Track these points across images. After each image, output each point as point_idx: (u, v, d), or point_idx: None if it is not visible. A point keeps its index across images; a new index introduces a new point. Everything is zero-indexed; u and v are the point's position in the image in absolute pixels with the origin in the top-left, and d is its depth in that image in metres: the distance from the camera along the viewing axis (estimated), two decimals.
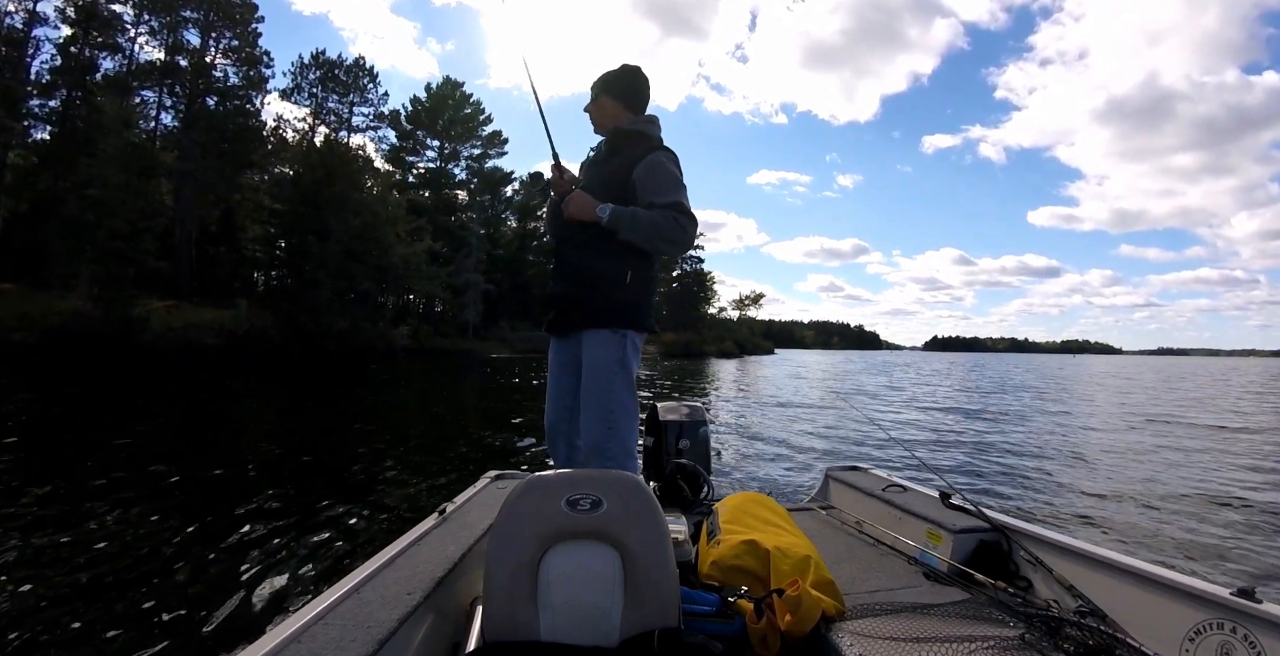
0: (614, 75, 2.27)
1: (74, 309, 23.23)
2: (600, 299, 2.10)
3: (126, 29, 35.06)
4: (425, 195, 48.70)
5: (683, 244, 2.07)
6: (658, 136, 2.26)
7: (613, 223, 2.04)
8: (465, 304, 46.21)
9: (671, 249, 2.08)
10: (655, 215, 2.03)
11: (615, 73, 2.28)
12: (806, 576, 1.41)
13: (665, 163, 2.10)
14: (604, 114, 2.26)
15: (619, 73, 2.27)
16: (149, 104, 36.19)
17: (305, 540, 3.67)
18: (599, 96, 2.26)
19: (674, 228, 2.03)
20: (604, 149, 2.30)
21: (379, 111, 47.45)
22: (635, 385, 2.16)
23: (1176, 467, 6.70)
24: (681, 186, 2.09)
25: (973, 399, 16.30)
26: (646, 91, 2.30)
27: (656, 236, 2.04)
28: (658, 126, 2.28)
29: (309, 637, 1.16)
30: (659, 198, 2.04)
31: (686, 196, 2.09)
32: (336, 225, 33.35)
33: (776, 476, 5.75)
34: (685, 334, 62.18)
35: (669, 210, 2.03)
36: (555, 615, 1.24)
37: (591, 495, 1.28)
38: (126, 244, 25.17)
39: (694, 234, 2.09)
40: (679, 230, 2.04)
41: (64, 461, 5.47)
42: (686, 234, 2.05)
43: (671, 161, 2.12)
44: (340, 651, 1.12)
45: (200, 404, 10.77)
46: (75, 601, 2.78)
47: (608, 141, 2.29)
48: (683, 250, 2.11)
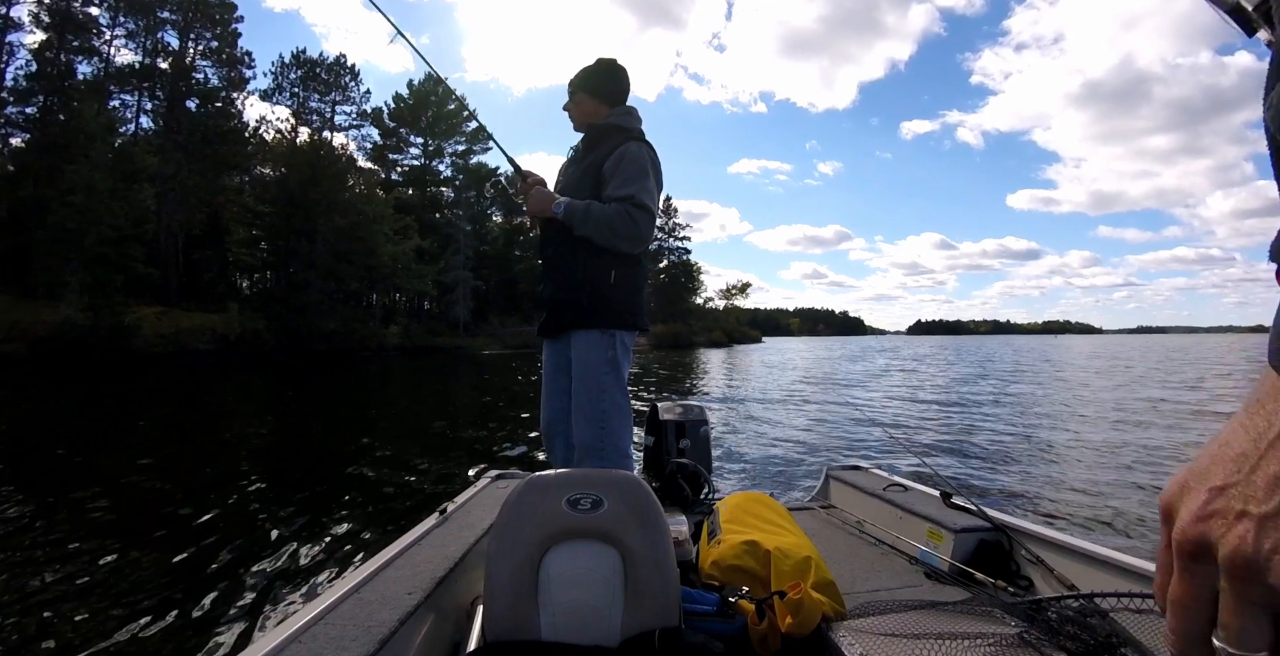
0: (589, 71, 2.25)
1: (63, 318, 22.95)
2: (586, 299, 2.09)
3: (102, 32, 34.59)
4: (409, 192, 48.41)
5: (634, 238, 2.03)
6: (635, 127, 2.23)
7: (567, 217, 2.04)
8: (455, 301, 46.02)
9: (624, 244, 2.04)
10: (608, 209, 2.01)
11: (590, 68, 2.26)
12: (807, 578, 1.41)
13: (634, 153, 2.06)
14: (581, 111, 2.25)
15: (594, 68, 2.26)
16: (128, 107, 35.80)
17: (305, 541, 3.67)
18: (575, 94, 2.25)
19: (625, 222, 1.99)
20: (581, 146, 2.29)
21: (361, 109, 47.12)
22: (625, 385, 2.15)
23: (1183, 462, 6.66)
24: (644, 177, 2.04)
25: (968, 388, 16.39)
26: (624, 84, 2.27)
27: (608, 231, 2.00)
28: (635, 117, 2.25)
29: (309, 637, 1.16)
30: (616, 190, 2.02)
31: (648, 188, 2.04)
32: (324, 225, 33.14)
33: (777, 475, 5.76)
34: (674, 325, 62.27)
35: (623, 203, 1.99)
36: (556, 615, 1.24)
37: (592, 495, 1.28)
38: (115, 250, 24.91)
39: (648, 228, 2.04)
40: (631, 224, 1.99)
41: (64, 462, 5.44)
42: (638, 227, 2.01)
43: (641, 151, 2.09)
44: (340, 651, 1.12)
45: (196, 409, 10.71)
46: (75, 604, 2.78)
47: (585, 138, 2.27)
48: (636, 245, 2.07)
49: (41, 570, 3.19)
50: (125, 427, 8.38)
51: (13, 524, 3.92)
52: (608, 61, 2.28)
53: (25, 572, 3.16)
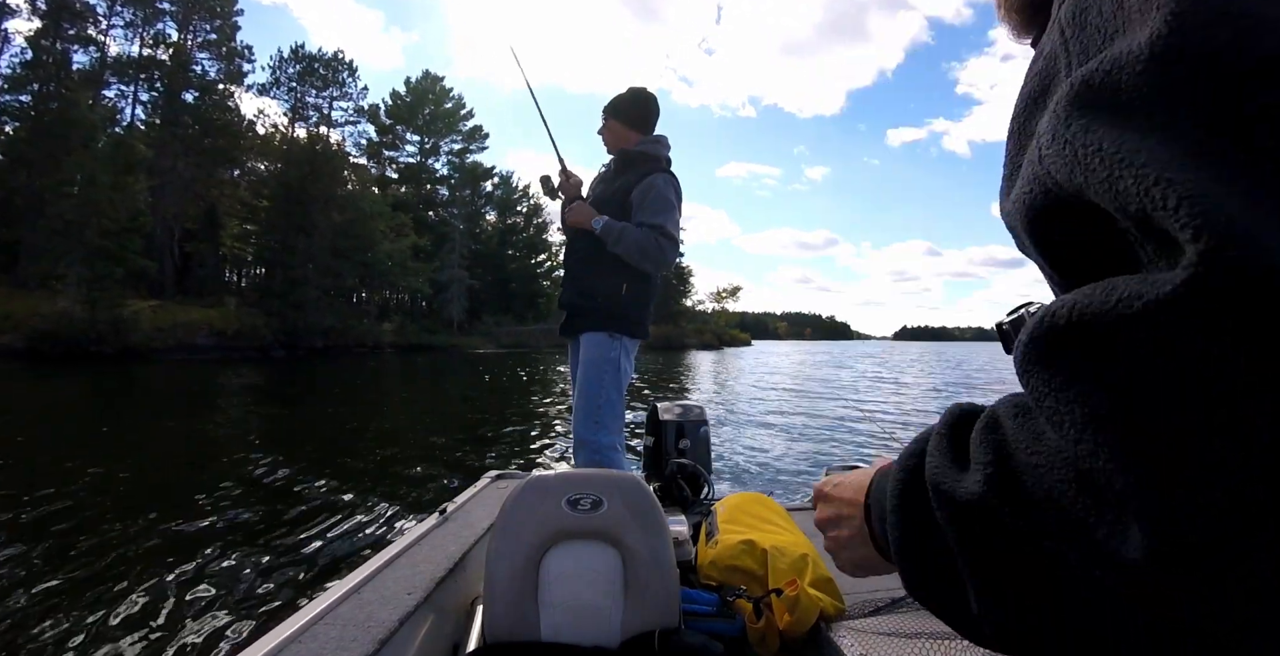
0: (621, 99, 2.45)
1: (60, 310, 22.70)
2: (599, 307, 2.30)
3: (99, 21, 34.36)
4: (403, 190, 48.28)
5: (661, 263, 2.29)
6: (664, 157, 2.43)
7: (604, 234, 2.24)
8: (449, 299, 45.87)
9: (651, 267, 2.30)
10: (640, 233, 2.22)
11: (623, 96, 2.46)
12: (804, 575, 1.41)
13: (660, 186, 2.29)
14: (613, 136, 2.44)
15: (626, 96, 2.46)
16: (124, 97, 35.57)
17: (305, 541, 3.67)
18: (608, 120, 2.45)
19: (655, 247, 2.23)
20: (612, 167, 2.49)
21: (358, 106, 46.96)
22: (623, 386, 2.32)
23: None
24: (670, 210, 2.29)
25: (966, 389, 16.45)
26: (653, 112, 2.46)
27: (639, 253, 2.24)
28: (664, 146, 2.45)
29: (309, 637, 1.15)
30: (647, 218, 2.25)
31: (674, 220, 2.30)
32: (322, 221, 33.01)
33: (776, 476, 5.78)
34: (666, 327, 62.26)
35: (653, 231, 2.22)
36: (556, 615, 1.24)
37: (592, 495, 1.28)
38: (115, 243, 24.70)
39: (671, 255, 2.29)
40: (659, 251, 2.24)
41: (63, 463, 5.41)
42: (665, 255, 2.26)
43: (668, 184, 2.31)
44: (340, 651, 1.11)
45: (198, 404, 10.68)
46: (74, 604, 2.77)
47: (616, 160, 2.48)
48: (661, 269, 2.33)
49: (41, 570, 3.18)
50: (125, 426, 8.35)
51: (13, 523, 3.89)
52: (639, 90, 2.49)
53: (25, 573, 3.14)
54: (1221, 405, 0.21)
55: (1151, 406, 0.23)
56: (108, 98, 34.78)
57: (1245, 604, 0.22)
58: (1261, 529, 0.21)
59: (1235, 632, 0.23)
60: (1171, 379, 0.22)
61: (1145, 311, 0.23)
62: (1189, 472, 0.22)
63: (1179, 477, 0.22)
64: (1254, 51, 0.23)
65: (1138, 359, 0.23)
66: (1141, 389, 0.23)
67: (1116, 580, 0.25)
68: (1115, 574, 0.25)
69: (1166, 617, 0.25)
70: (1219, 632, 0.23)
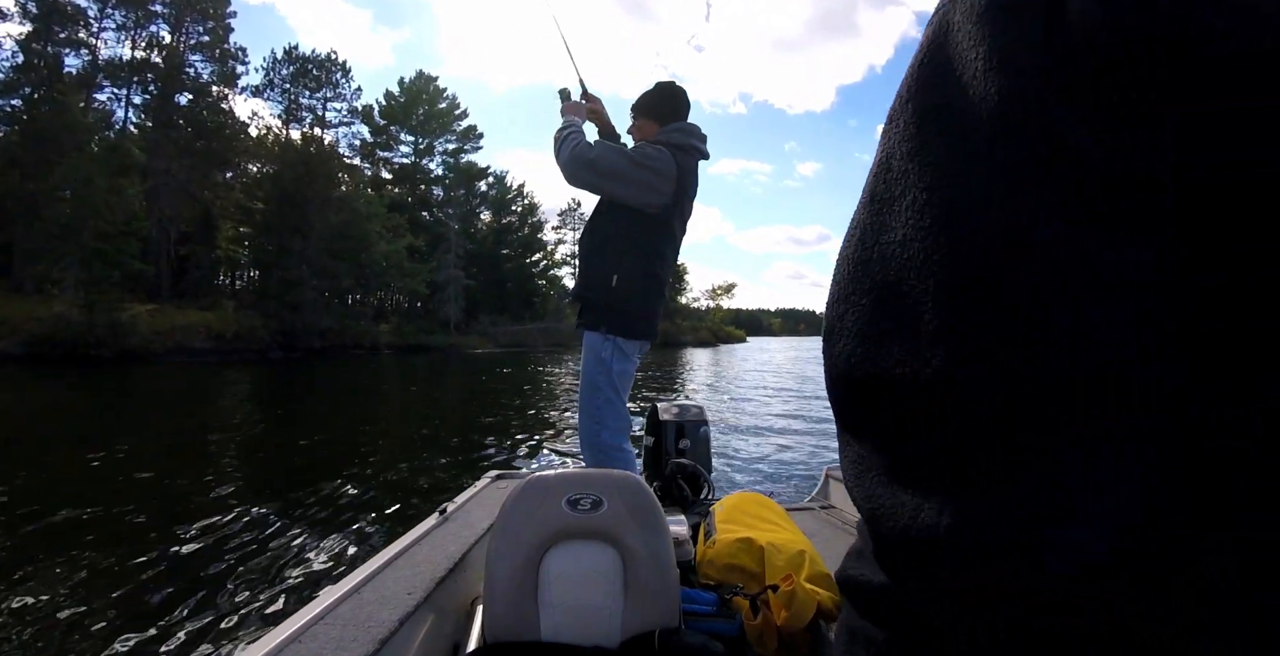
0: (646, 94, 2.41)
1: (58, 314, 22.58)
2: (594, 301, 2.21)
3: (90, 24, 34.15)
4: (396, 191, 48.14)
5: (561, 161, 2.17)
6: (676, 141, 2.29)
7: (556, 133, 2.24)
8: (446, 300, 45.73)
9: (556, 161, 2.20)
10: (578, 138, 2.19)
11: (648, 92, 2.42)
12: (801, 571, 1.41)
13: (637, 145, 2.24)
14: (641, 132, 2.40)
15: (650, 91, 2.42)
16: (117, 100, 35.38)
17: (305, 541, 3.67)
18: (635, 118, 2.41)
19: (572, 146, 2.15)
20: None
21: (352, 107, 46.78)
22: (622, 386, 2.22)
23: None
24: (619, 154, 2.15)
25: None
26: (674, 102, 2.39)
27: (558, 142, 2.20)
28: (685, 132, 2.32)
29: (309, 637, 1.16)
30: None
31: (606, 155, 2.14)
32: (318, 222, 32.91)
33: (777, 476, 5.78)
34: (662, 324, 61.66)
35: (592, 145, 2.18)
36: (556, 615, 1.24)
37: (592, 495, 1.28)
38: (111, 246, 24.58)
39: (576, 168, 2.14)
40: (563, 147, 2.17)
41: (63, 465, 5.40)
42: (561, 156, 2.17)
43: (644, 146, 2.21)
44: (340, 651, 1.12)
45: (197, 407, 10.65)
46: (75, 605, 2.77)
47: None
48: (562, 169, 2.18)
49: (41, 571, 3.17)
50: (124, 429, 8.33)
51: (11, 523, 3.89)
52: (665, 84, 2.43)
53: (24, 573, 3.14)
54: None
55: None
56: (100, 101, 34.60)
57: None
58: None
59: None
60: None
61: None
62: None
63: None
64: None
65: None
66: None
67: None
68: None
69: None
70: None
